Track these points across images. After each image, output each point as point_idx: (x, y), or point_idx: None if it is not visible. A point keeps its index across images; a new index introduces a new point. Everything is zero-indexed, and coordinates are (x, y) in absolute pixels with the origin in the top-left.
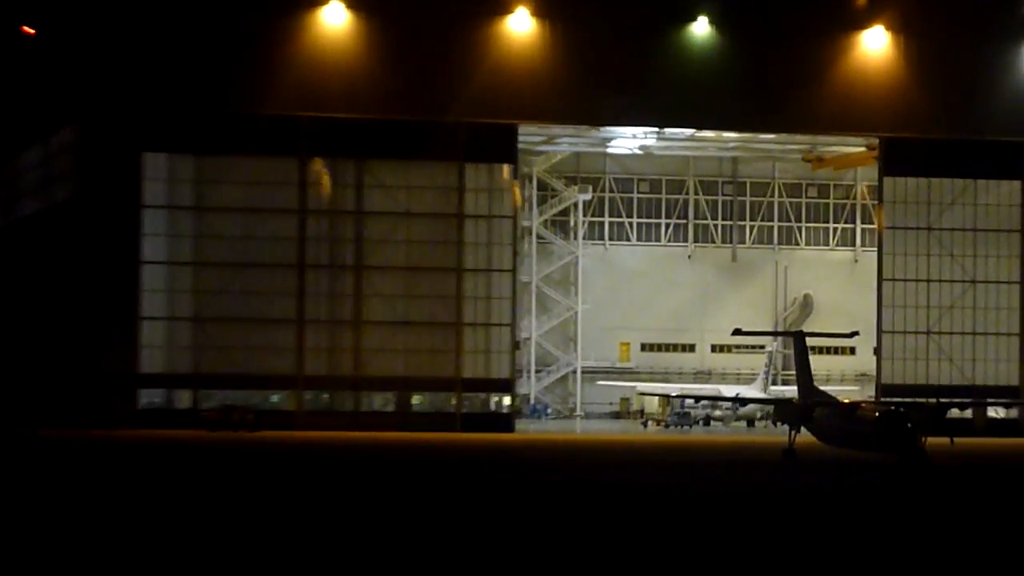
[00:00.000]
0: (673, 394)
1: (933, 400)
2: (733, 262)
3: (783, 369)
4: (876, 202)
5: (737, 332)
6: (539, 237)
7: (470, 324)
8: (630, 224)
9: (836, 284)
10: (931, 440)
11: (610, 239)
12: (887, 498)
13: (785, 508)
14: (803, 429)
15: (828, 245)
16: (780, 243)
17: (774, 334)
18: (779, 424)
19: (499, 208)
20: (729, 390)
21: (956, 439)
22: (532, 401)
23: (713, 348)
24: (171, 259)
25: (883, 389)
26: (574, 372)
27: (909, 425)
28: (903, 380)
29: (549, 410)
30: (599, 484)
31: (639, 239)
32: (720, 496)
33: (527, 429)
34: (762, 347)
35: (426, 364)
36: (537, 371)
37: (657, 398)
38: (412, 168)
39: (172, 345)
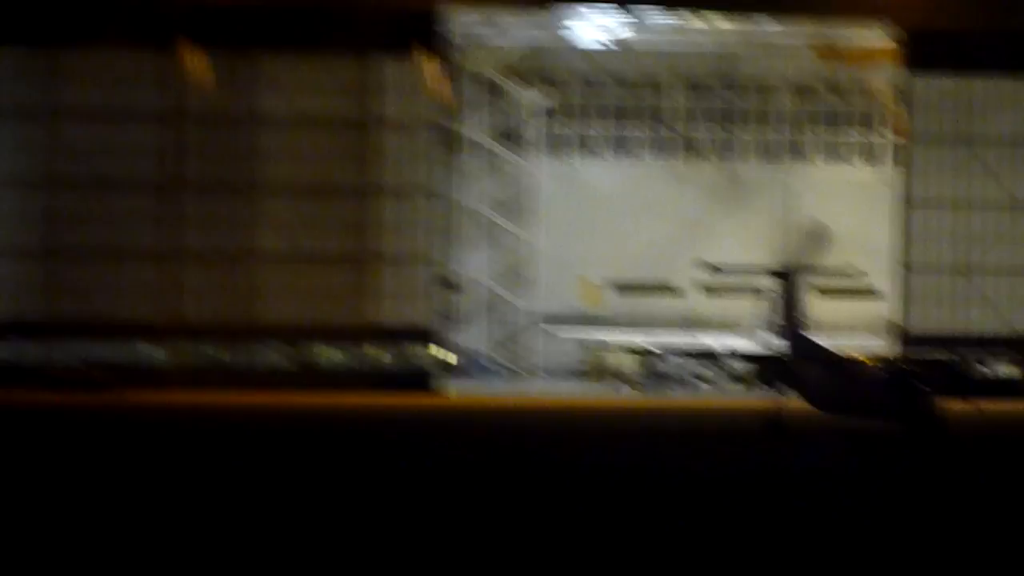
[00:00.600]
0: (639, 346)
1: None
2: (730, 184)
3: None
4: (900, 108)
5: (711, 268)
6: (487, 151)
7: (388, 260)
8: (602, 136)
9: (859, 211)
10: (954, 406)
11: (577, 154)
12: (887, 488)
13: (748, 504)
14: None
15: (849, 162)
16: (789, 159)
17: (754, 271)
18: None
19: (427, 113)
20: (719, 342)
21: (1001, 403)
22: (478, 356)
23: (706, 291)
24: (14, 178)
25: (908, 341)
26: (532, 321)
27: (923, 387)
28: (933, 330)
29: (498, 367)
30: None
31: (613, 154)
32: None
33: (468, 388)
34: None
35: (334, 309)
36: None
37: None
38: (315, 63)
39: (17, 286)
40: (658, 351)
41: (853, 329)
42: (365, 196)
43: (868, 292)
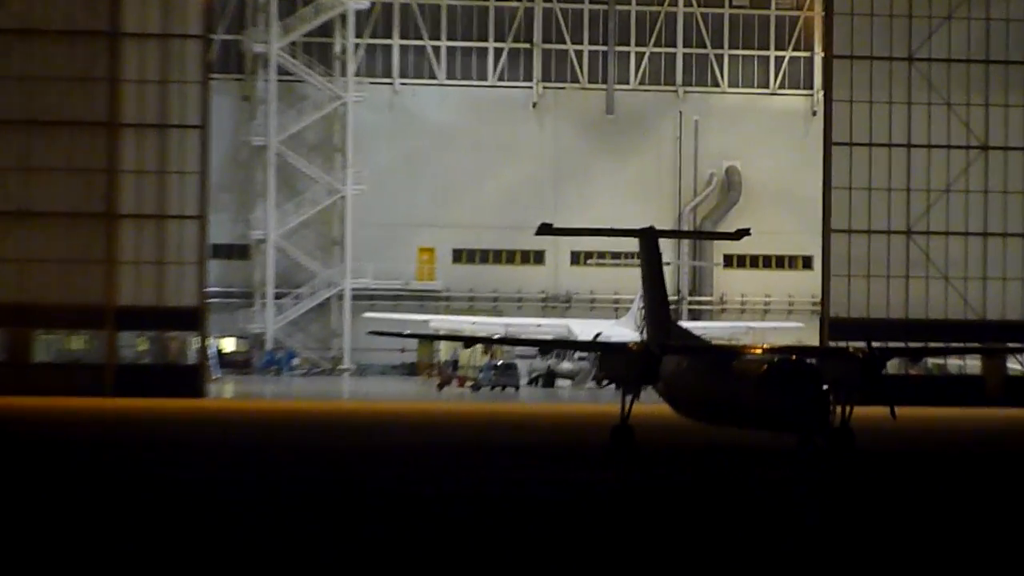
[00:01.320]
0: (469, 335)
1: (873, 345)
2: (609, 115)
3: (691, 293)
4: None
5: (545, 230)
6: (282, 72)
7: (134, 216)
8: (435, 50)
9: (780, 151)
10: (864, 411)
11: (402, 76)
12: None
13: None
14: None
15: (767, 87)
16: (688, 83)
17: (608, 232)
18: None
19: (181, 21)
20: (585, 327)
21: (975, 406)
22: (269, 346)
23: (574, 259)
24: None
25: (832, 327)
26: (340, 298)
27: (817, 385)
28: (867, 312)
29: (295, 361)
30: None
31: (451, 76)
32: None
33: (250, 391)
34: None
35: (62, 284)
36: (279, 296)
37: (476, 346)
38: None
39: None
40: (503, 340)
41: (788, 310)
42: (104, 129)
43: (802, 262)
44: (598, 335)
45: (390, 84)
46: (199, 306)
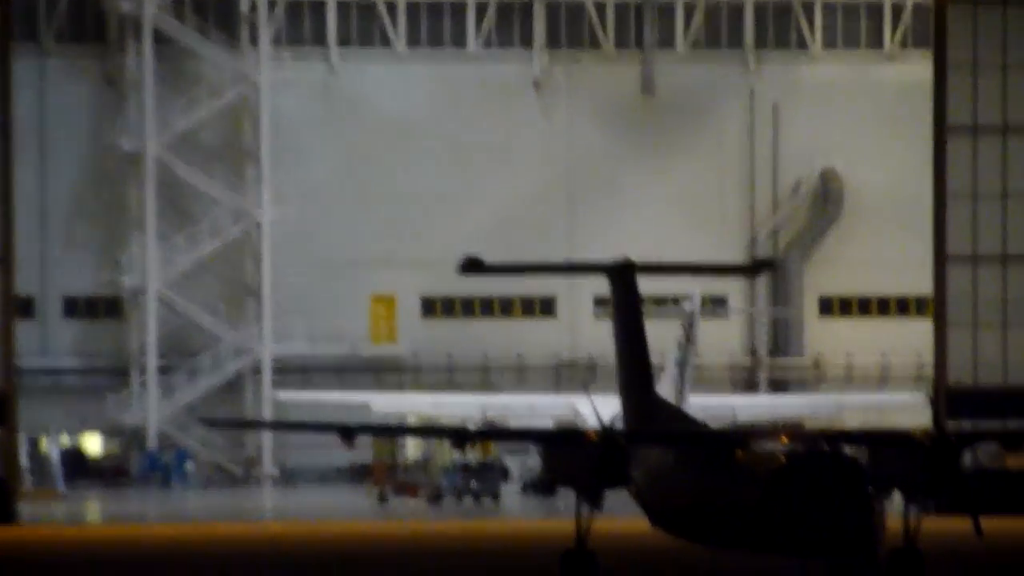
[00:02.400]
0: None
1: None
2: (646, 96)
3: (773, 354)
4: None
5: (472, 266)
6: (163, 41)
7: None
8: (389, 8)
9: (899, 145)
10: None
11: (342, 45)
12: None
13: None
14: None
15: (880, 48)
16: (762, 46)
17: (564, 269)
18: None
19: None
20: (598, 406)
21: None
22: (153, 445)
23: (598, 304)
24: None
25: (952, 400)
26: (257, 372)
27: (857, 487)
28: (1003, 376)
29: (189, 465)
30: None
31: (414, 44)
32: None
33: (97, 511)
34: (675, 302)
35: None
36: (166, 370)
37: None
38: None
39: None
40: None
41: (889, 376)
42: None
43: (921, 306)
44: (615, 416)
45: (324, 59)
46: (4, 390)
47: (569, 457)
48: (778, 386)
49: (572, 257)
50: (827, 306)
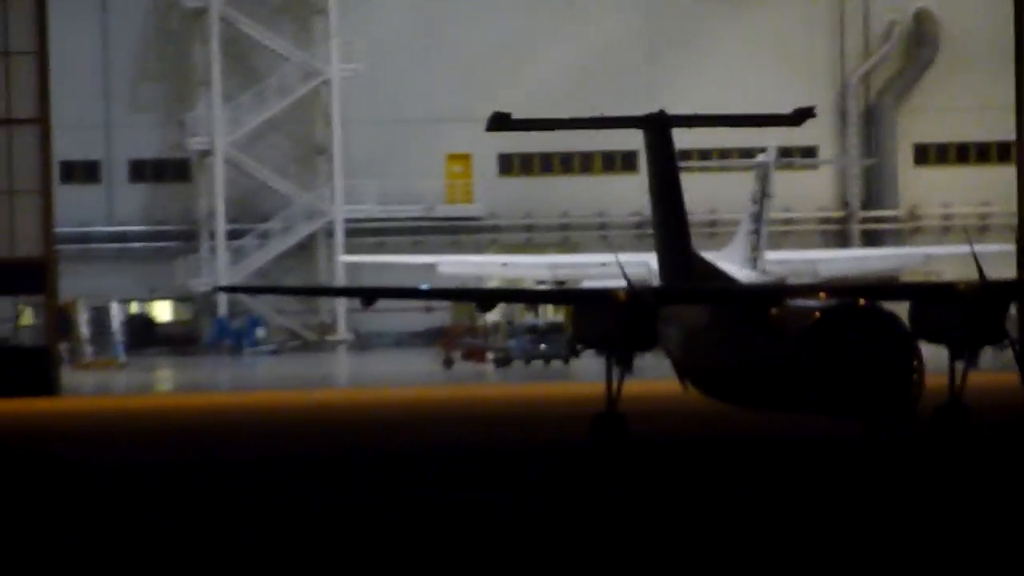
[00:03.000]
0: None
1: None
2: None
3: (865, 207)
4: None
5: (499, 123)
6: None
7: None
8: None
9: None
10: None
11: None
12: None
13: None
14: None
15: None
16: None
17: (600, 123)
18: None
19: None
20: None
21: None
22: (224, 311)
23: (681, 156)
24: None
25: None
26: (329, 235)
27: (897, 342)
28: None
29: (260, 331)
30: None
31: None
32: None
33: (148, 382)
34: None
35: None
36: (236, 235)
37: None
38: None
39: None
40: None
41: (987, 226)
42: None
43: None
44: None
45: None
46: (44, 257)
47: (597, 319)
48: (872, 239)
49: (654, 110)
50: (923, 154)
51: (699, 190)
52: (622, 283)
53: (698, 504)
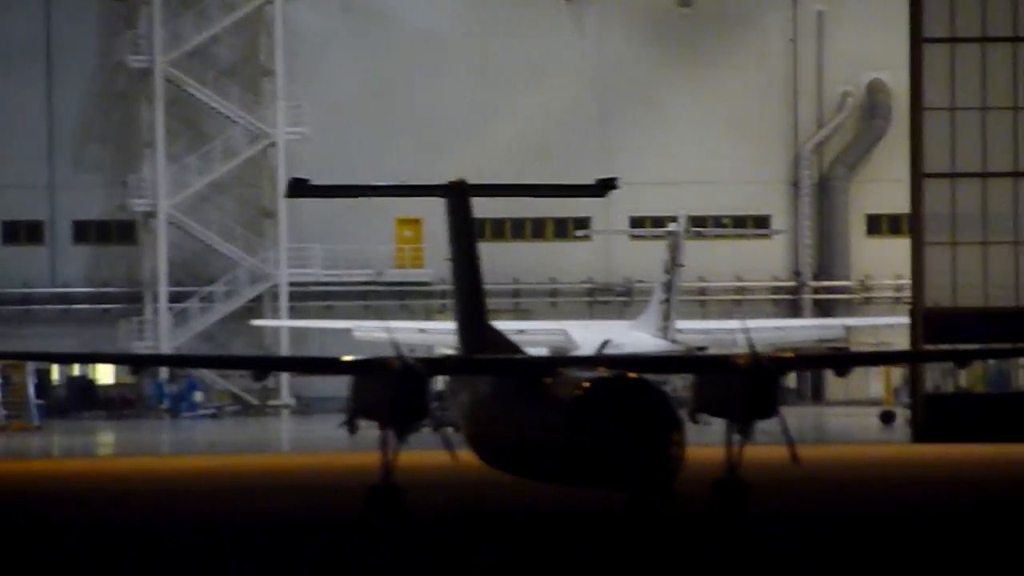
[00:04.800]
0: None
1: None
2: (684, 8)
3: (817, 276)
4: None
5: (298, 189)
6: None
7: None
8: None
9: None
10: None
11: None
12: None
13: None
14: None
15: None
16: None
17: (397, 191)
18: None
19: None
20: (590, 332)
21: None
22: (164, 375)
23: (634, 224)
24: None
25: (929, 323)
26: (275, 298)
27: (657, 414)
28: (984, 298)
29: (198, 395)
30: None
31: None
32: None
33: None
34: (699, 227)
35: None
36: (179, 297)
37: None
38: None
39: None
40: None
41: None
42: None
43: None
44: (606, 343)
45: None
46: None
47: (371, 388)
48: (824, 309)
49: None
50: (875, 225)
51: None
52: (539, 351)
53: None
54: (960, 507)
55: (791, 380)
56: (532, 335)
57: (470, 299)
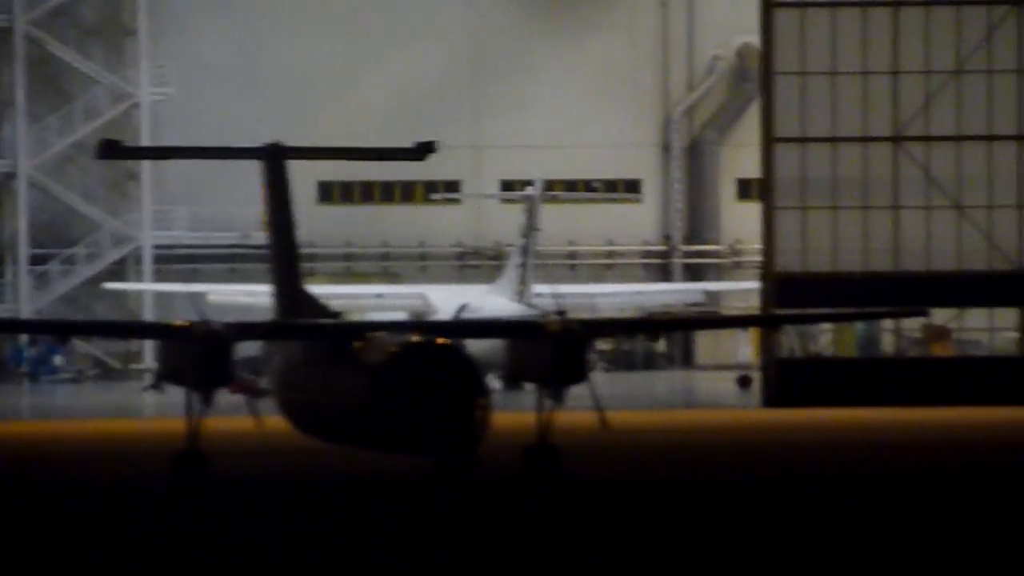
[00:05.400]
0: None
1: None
2: None
3: (688, 240)
4: None
5: (110, 150)
6: None
7: None
8: None
9: None
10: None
11: None
12: None
13: None
14: None
15: None
16: None
17: (215, 154)
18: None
19: None
20: (450, 296)
21: None
22: (22, 342)
23: (505, 188)
24: None
25: (780, 287)
26: (138, 261)
27: (460, 380)
28: (834, 263)
29: (58, 359)
30: None
31: None
32: None
33: None
34: (571, 190)
35: None
36: (40, 259)
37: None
38: None
39: None
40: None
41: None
42: None
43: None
44: (463, 307)
45: None
46: None
47: (176, 353)
48: (695, 273)
49: (478, 140)
50: (745, 189)
51: (562, 221)
52: (396, 315)
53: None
54: (761, 472)
55: (660, 345)
56: (390, 299)
57: (284, 264)
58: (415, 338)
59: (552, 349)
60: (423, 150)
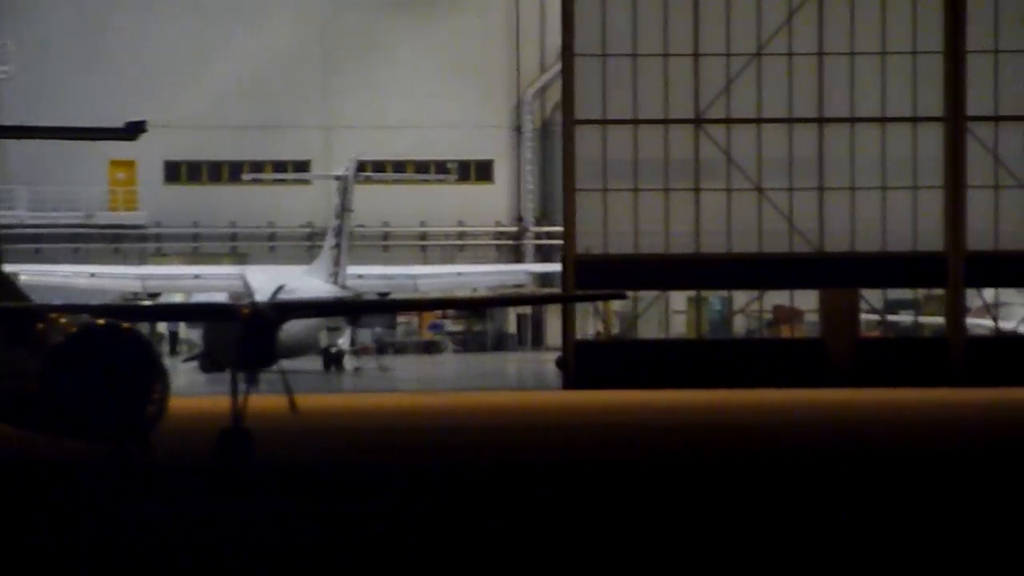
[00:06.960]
0: None
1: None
2: None
3: (539, 222)
4: None
5: None
6: None
7: None
8: None
9: None
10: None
11: None
12: None
13: None
14: None
15: None
16: None
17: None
18: None
19: None
20: (269, 277)
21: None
22: None
23: (362, 169)
24: None
25: (580, 270)
26: None
27: (132, 364)
28: (635, 244)
29: None
30: None
31: None
32: None
33: None
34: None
35: None
36: None
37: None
38: None
39: None
40: None
41: None
42: None
43: None
44: (280, 289)
45: None
46: None
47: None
48: (545, 255)
49: (329, 120)
50: None
51: (415, 201)
52: (218, 296)
53: None
54: (454, 456)
55: (511, 325)
56: (209, 280)
57: None
58: (93, 322)
59: (241, 331)
60: (134, 130)
